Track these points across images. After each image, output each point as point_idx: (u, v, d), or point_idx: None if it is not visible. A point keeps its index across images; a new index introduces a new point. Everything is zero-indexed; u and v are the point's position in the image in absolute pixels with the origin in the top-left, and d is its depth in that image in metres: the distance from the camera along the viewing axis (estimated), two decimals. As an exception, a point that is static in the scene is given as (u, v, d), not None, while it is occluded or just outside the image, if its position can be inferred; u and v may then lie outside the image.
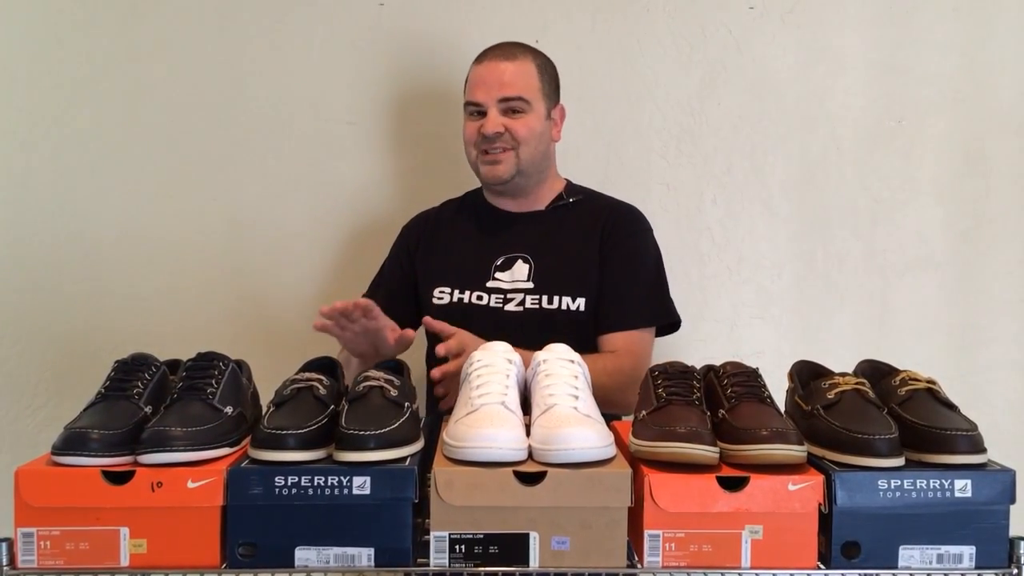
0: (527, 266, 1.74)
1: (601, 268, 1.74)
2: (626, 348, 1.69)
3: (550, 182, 1.83)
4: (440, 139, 2.05)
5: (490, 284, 1.74)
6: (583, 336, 1.70)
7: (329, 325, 1.55)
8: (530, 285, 1.73)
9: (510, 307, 1.71)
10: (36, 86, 2.08)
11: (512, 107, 1.72)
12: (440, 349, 1.53)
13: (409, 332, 1.59)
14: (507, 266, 1.75)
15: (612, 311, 1.72)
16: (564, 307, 1.70)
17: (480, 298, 1.73)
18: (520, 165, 1.74)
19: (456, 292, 1.74)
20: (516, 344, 1.35)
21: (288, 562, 1.10)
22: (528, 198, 1.81)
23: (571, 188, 1.85)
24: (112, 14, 2.08)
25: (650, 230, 1.82)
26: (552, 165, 1.84)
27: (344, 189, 2.12)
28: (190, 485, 1.09)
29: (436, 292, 1.75)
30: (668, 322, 1.79)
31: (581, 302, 1.71)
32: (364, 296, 1.85)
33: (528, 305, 1.71)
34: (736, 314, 2.13)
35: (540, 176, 1.80)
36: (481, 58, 1.76)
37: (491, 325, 1.64)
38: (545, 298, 1.71)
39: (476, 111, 1.74)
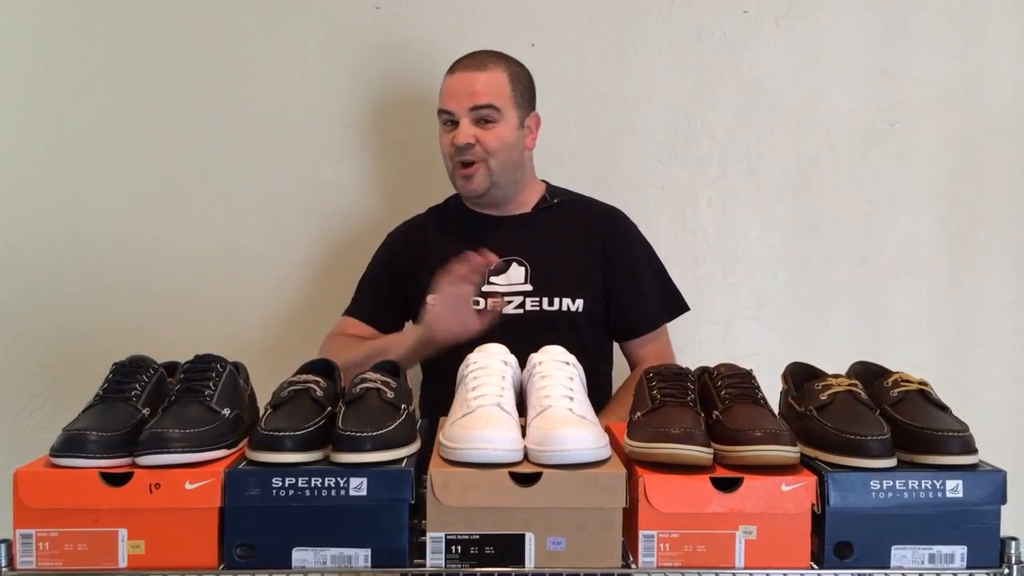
0: (523, 268, 1.75)
1: (610, 276, 1.77)
2: (655, 352, 1.79)
3: (530, 187, 1.85)
4: (436, 142, 2.05)
5: (486, 288, 1.73)
6: (581, 336, 1.72)
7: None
8: (529, 287, 1.74)
9: (508, 310, 1.72)
10: (33, 87, 2.09)
11: (483, 116, 1.72)
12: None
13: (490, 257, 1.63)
14: (501, 269, 1.75)
15: (633, 317, 1.79)
16: (564, 308, 1.72)
17: (476, 303, 1.72)
18: (492, 176, 1.75)
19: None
20: (516, 346, 1.36)
21: (285, 563, 1.11)
22: (511, 204, 1.82)
23: (552, 190, 1.86)
24: (109, 17, 2.08)
25: (638, 228, 1.86)
26: (529, 171, 1.85)
27: (341, 191, 2.12)
28: (188, 487, 1.09)
29: (429, 300, 1.72)
30: (682, 311, 1.85)
31: (580, 303, 1.73)
32: (352, 307, 1.87)
33: (528, 307, 1.72)
34: (731, 316, 2.14)
35: (516, 185, 1.81)
36: (453, 68, 1.77)
37: (490, 329, 1.64)
38: (545, 300, 1.72)
39: (448, 120, 1.75)
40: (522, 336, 1.47)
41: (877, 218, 2.14)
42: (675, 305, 1.85)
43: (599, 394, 1.72)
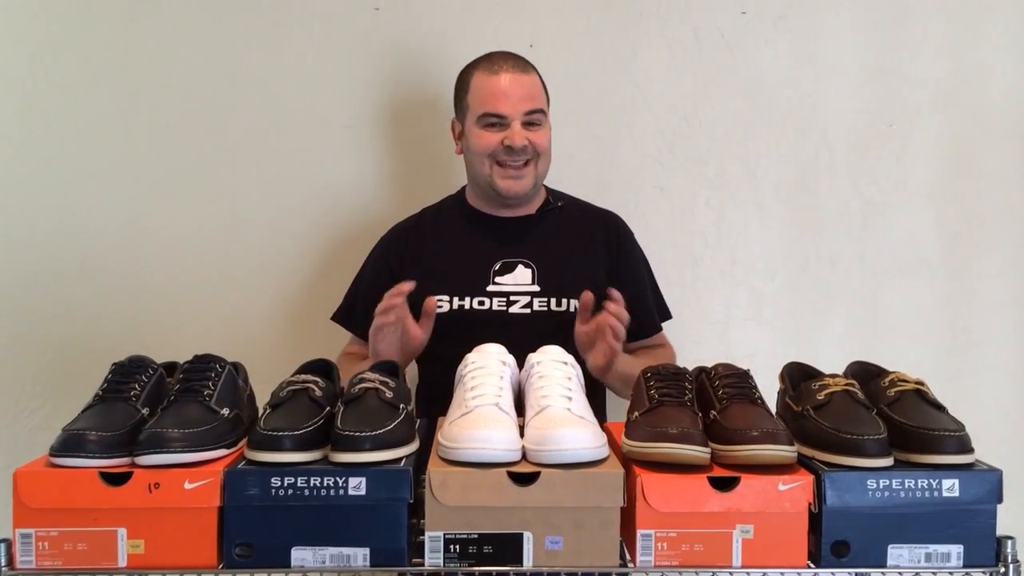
0: (529, 270, 1.75)
1: (613, 280, 1.76)
2: (661, 344, 1.85)
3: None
4: (436, 143, 2.06)
5: (491, 288, 1.74)
6: None
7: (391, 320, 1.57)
8: (536, 288, 1.74)
9: (515, 309, 1.72)
10: (33, 88, 2.09)
11: (533, 120, 1.73)
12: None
13: (431, 301, 1.62)
14: (507, 270, 1.76)
15: (641, 320, 1.79)
16: (572, 309, 1.72)
17: (482, 303, 1.73)
18: (537, 178, 1.77)
19: (456, 299, 1.73)
20: (522, 346, 1.36)
21: (284, 562, 1.11)
22: (522, 205, 1.82)
23: (554, 194, 1.87)
24: (110, 17, 2.09)
25: (634, 234, 1.88)
26: None
27: (340, 192, 2.13)
28: (187, 486, 1.10)
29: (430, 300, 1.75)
30: (666, 318, 1.90)
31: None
32: (340, 310, 1.88)
33: (536, 308, 1.73)
34: (729, 316, 2.14)
35: (541, 186, 1.83)
36: (494, 69, 1.74)
37: (496, 328, 1.64)
38: (553, 300, 1.73)
39: (497, 123, 1.73)
40: (528, 336, 1.48)
41: (875, 218, 2.14)
42: (664, 310, 1.90)
43: (597, 394, 1.73)
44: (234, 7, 2.10)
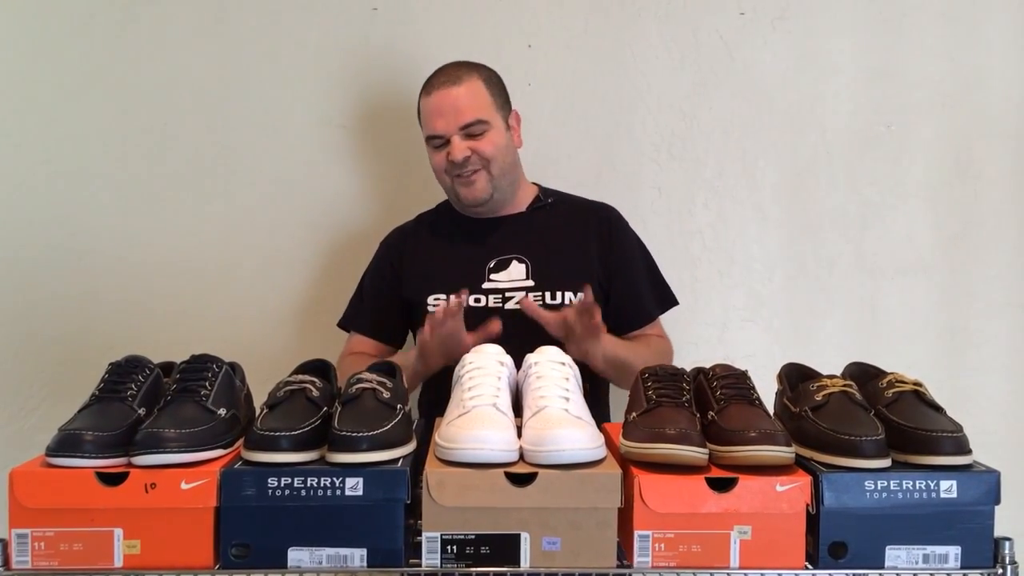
0: (523, 265, 1.77)
1: (607, 271, 1.79)
2: (657, 334, 1.85)
3: (523, 187, 1.87)
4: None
5: (486, 286, 1.75)
6: None
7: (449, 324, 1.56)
8: (531, 283, 1.75)
9: (510, 305, 1.73)
10: (30, 90, 2.09)
11: (472, 132, 1.74)
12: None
13: (495, 324, 1.59)
14: (501, 267, 1.77)
15: (630, 311, 1.82)
16: (567, 302, 1.73)
17: (478, 300, 1.74)
18: (494, 182, 1.77)
19: (452, 298, 1.75)
20: (519, 342, 1.36)
21: (281, 563, 1.11)
22: (506, 205, 1.84)
23: (545, 191, 1.88)
24: (106, 18, 2.08)
25: (628, 224, 1.89)
26: (521, 170, 1.87)
27: (337, 192, 2.12)
28: (184, 486, 1.10)
29: (431, 300, 1.76)
30: (672, 305, 1.90)
31: (581, 296, 1.73)
32: (348, 312, 1.90)
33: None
34: (727, 317, 2.14)
35: (513, 186, 1.83)
36: (429, 89, 1.77)
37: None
38: (548, 294, 1.74)
39: (440, 143, 1.76)
40: (525, 330, 1.49)
41: (873, 219, 2.14)
42: (666, 298, 1.89)
43: (595, 385, 1.73)
44: (232, 8, 2.10)
